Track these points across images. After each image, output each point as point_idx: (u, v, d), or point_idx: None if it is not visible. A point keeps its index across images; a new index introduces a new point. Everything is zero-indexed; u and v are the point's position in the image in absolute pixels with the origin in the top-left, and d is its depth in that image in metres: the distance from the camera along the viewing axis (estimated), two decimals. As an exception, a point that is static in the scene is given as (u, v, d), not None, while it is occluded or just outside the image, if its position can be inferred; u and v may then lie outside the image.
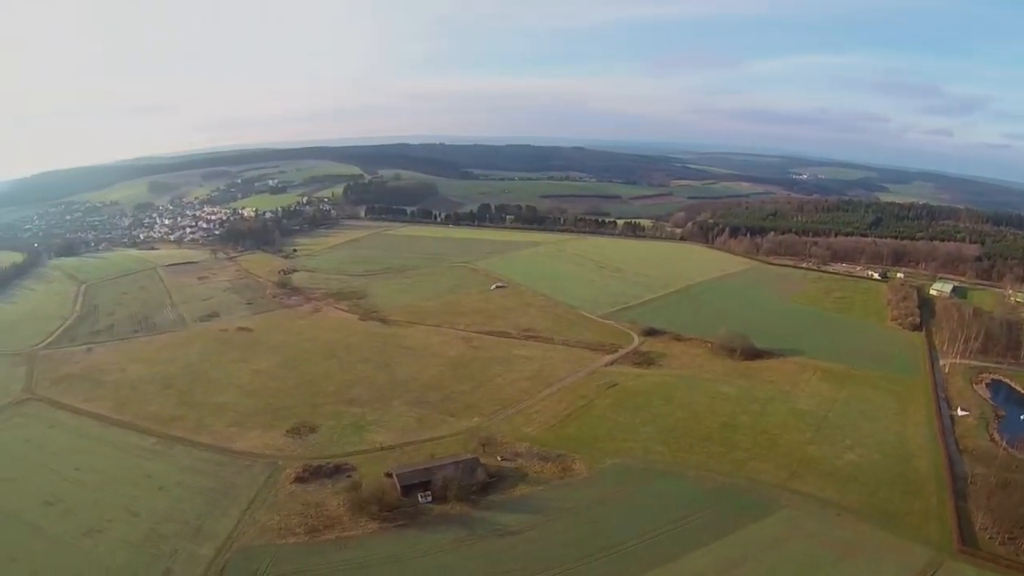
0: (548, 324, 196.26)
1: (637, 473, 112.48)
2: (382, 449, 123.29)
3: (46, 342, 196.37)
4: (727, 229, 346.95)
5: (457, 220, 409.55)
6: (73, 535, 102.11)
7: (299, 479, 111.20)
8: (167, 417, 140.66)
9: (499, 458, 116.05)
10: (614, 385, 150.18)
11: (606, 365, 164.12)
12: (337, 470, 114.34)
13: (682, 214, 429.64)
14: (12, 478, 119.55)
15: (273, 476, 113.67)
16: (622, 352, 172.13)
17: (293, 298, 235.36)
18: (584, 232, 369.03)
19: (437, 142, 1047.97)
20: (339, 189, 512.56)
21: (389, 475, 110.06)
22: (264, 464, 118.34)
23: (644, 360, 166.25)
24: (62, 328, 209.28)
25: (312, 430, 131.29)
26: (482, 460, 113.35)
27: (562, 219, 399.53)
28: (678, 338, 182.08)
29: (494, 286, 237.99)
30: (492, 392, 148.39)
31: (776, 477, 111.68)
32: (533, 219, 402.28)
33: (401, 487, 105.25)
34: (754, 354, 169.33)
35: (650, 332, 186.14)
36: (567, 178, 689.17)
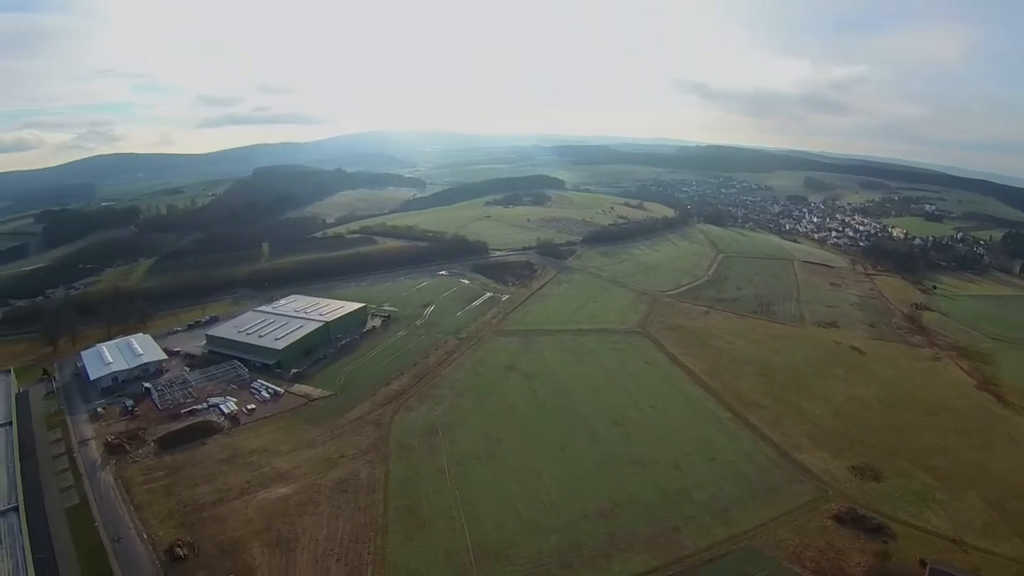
0: None
1: None
2: (953, 542, 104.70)
3: (672, 292, 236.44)
4: None
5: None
6: (620, 456, 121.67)
7: (837, 518, 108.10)
8: (750, 401, 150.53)
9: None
10: None
11: None
12: (878, 529, 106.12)
13: None
14: (598, 388, 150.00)
15: (816, 501, 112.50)
16: None
17: (917, 336, 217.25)
18: None
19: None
20: (997, 234, 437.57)
21: (923, 563, 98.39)
22: (814, 486, 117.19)
23: None
24: (690, 286, 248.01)
25: (876, 478, 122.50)
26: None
27: None
28: None
29: None
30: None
31: None
32: None
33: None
34: None
35: None
36: None
